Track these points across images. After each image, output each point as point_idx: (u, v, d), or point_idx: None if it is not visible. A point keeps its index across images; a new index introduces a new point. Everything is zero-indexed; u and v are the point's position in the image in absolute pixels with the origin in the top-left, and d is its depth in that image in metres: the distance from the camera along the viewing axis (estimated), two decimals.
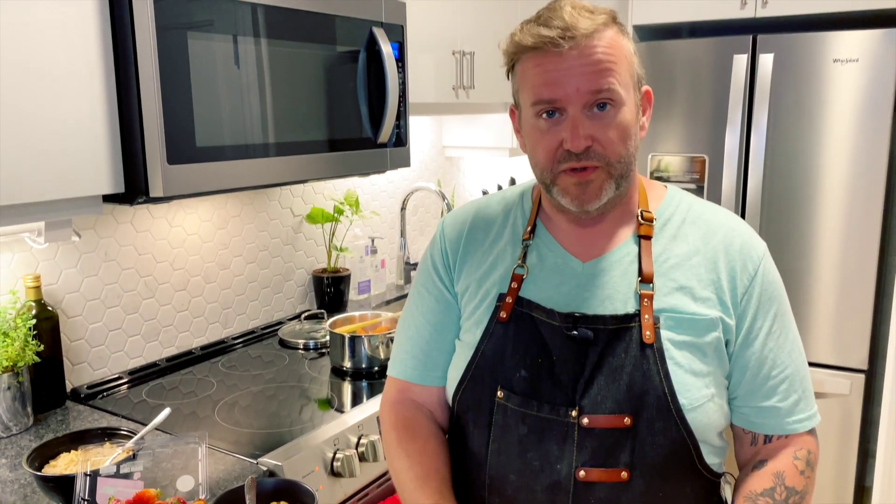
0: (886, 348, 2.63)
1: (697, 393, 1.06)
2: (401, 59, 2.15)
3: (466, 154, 3.28)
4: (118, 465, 1.29)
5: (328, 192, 2.65)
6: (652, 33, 3.18)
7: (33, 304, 1.75)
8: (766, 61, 2.70)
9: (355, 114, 2.04)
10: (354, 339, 2.03)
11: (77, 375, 1.92)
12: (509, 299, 1.15)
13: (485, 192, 3.44)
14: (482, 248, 1.22)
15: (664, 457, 1.06)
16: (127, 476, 1.28)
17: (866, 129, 2.60)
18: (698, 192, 2.85)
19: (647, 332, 1.06)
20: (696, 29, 3.10)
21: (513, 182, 3.47)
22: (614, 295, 1.10)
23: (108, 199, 1.59)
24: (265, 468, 1.52)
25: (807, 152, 2.69)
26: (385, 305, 2.78)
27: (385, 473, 1.74)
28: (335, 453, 1.64)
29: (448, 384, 1.22)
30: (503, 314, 1.14)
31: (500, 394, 1.12)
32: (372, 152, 2.11)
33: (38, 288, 1.76)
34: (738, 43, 2.76)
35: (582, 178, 1.06)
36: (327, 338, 2.27)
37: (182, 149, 1.58)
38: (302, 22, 1.84)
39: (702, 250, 1.12)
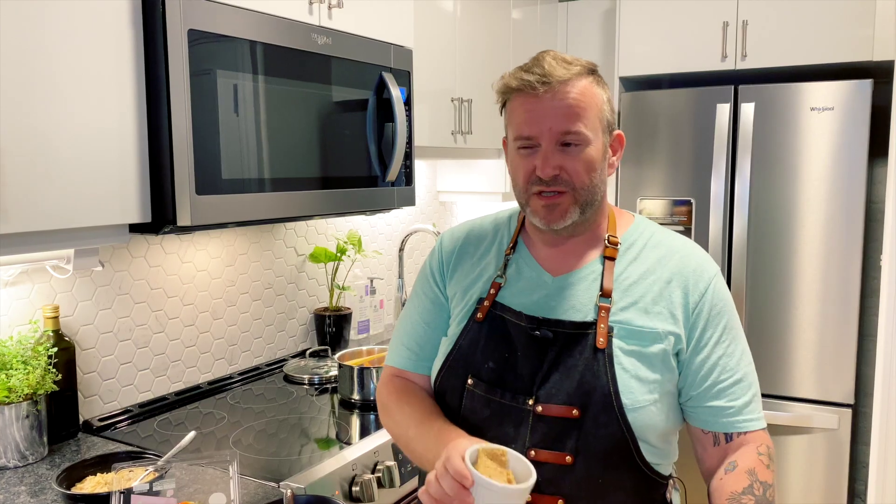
0: (872, 384, 2.71)
1: (640, 396, 1.19)
2: (408, 102, 2.23)
3: (460, 199, 3.35)
4: (150, 483, 1.31)
5: (330, 232, 2.69)
6: (637, 84, 3.31)
7: (51, 334, 1.77)
8: (747, 110, 2.82)
9: (364, 153, 2.10)
10: (363, 371, 2.06)
11: (88, 408, 1.92)
12: (486, 303, 1.31)
13: None
14: (472, 259, 1.40)
15: (604, 447, 1.18)
16: (159, 493, 1.30)
17: (844, 173, 2.71)
18: (685, 233, 2.94)
19: (601, 339, 1.21)
20: (679, 79, 3.23)
21: None
22: (577, 305, 1.25)
23: (134, 228, 1.62)
24: (288, 491, 1.54)
25: (789, 195, 2.80)
26: (385, 345, 2.80)
27: (403, 499, 1.76)
28: (353, 478, 1.66)
29: (432, 372, 1.37)
30: (479, 315, 1.31)
31: (469, 381, 1.28)
32: (380, 190, 2.17)
33: (56, 318, 1.78)
34: (721, 93, 2.88)
35: (549, 201, 1.23)
36: (332, 373, 2.29)
37: (210, 180, 1.63)
38: (319, 65, 1.92)
39: (657, 271, 1.27)
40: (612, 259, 1.27)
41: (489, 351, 1.28)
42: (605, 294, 1.24)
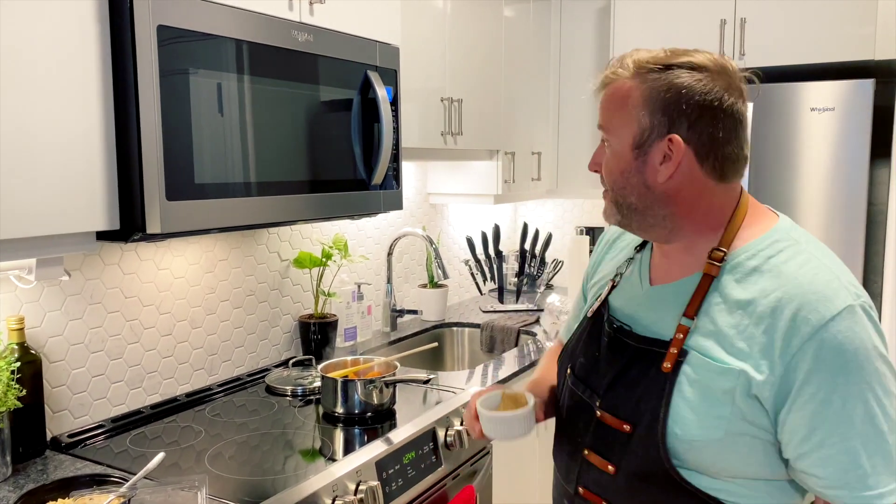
0: None
1: (694, 430, 1.10)
2: (394, 102, 2.14)
3: (451, 201, 3.26)
4: None
5: (315, 236, 2.60)
6: None
7: (16, 346, 1.67)
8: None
9: (349, 155, 2.01)
10: (347, 384, 1.97)
11: (57, 423, 1.83)
12: (597, 302, 1.35)
13: (469, 239, 3.42)
14: (614, 253, 1.43)
15: (644, 467, 1.15)
16: None
17: (845, 174, 2.63)
18: None
19: (667, 363, 1.13)
20: None
21: (497, 229, 3.46)
22: (659, 320, 1.19)
23: (101, 235, 1.53)
24: None
25: (788, 198, 2.72)
26: (372, 353, 2.71)
27: None
28: (334, 500, 1.57)
29: None
30: (590, 312, 1.35)
31: (568, 370, 1.35)
32: (365, 194, 2.08)
33: (21, 330, 1.68)
34: None
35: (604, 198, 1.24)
36: (316, 384, 2.20)
37: (181, 185, 1.53)
38: (300, 63, 1.82)
39: (757, 301, 1.10)
40: (710, 276, 1.15)
41: (584, 347, 1.32)
42: (688, 315, 1.14)
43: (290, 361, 2.36)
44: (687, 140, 1.11)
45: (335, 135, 1.96)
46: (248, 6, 1.68)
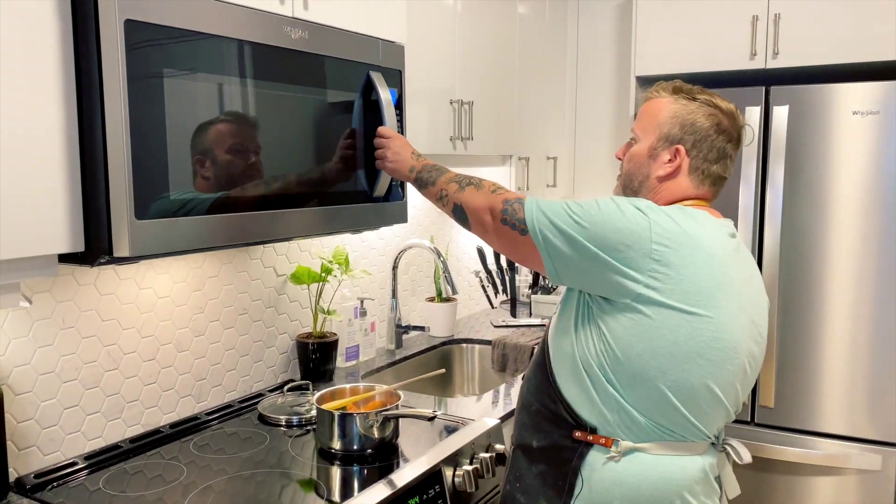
0: None
1: (556, 320, 1.60)
2: (399, 105, 1.95)
3: None
4: None
5: (315, 249, 2.42)
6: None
7: None
8: (780, 113, 2.54)
9: (349, 164, 1.82)
10: (345, 418, 1.78)
11: (24, 462, 1.65)
12: None
13: (479, 250, 3.23)
14: None
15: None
16: None
17: (888, 183, 2.43)
18: None
19: None
20: (702, 80, 2.95)
21: None
22: None
23: (64, 258, 1.35)
24: None
25: (826, 207, 2.52)
26: (375, 374, 2.53)
27: None
28: None
29: None
30: None
31: None
32: (366, 207, 1.89)
33: None
34: (751, 95, 2.60)
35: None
36: (312, 413, 2.02)
37: (152, 201, 1.35)
38: (291, 63, 1.64)
39: None
40: None
41: None
42: None
43: (286, 387, 2.17)
44: (688, 151, 1.52)
45: (333, 142, 1.78)
46: (238, 1, 1.50)
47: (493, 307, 3.34)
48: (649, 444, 1.40)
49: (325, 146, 1.76)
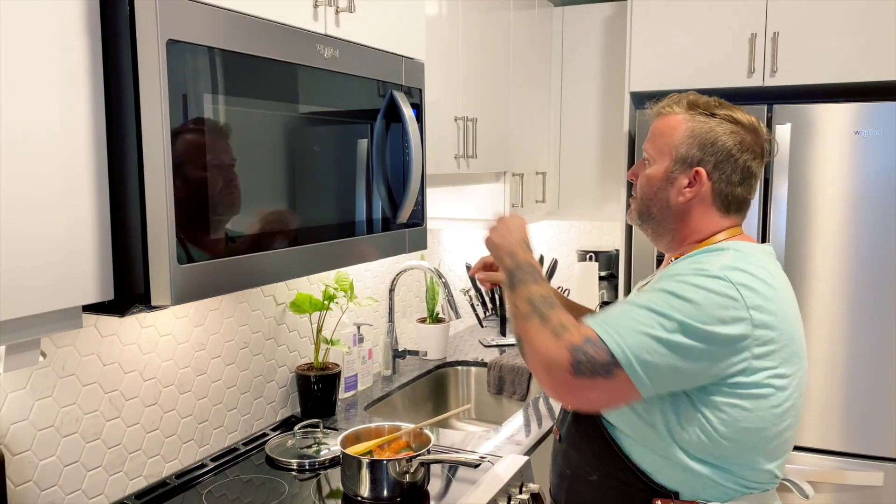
0: None
1: None
2: (420, 125, 1.83)
3: (448, 226, 2.95)
4: None
5: (315, 275, 2.26)
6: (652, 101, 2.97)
7: None
8: (783, 132, 2.50)
9: (373, 190, 1.69)
10: (374, 465, 1.65)
11: None
12: None
13: (469, 266, 3.11)
14: None
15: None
16: None
17: (892, 200, 2.42)
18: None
19: None
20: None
21: None
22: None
23: (89, 307, 1.18)
24: None
25: (831, 229, 2.49)
26: (377, 404, 2.39)
27: None
28: None
29: None
30: None
31: None
32: (390, 234, 1.76)
33: None
34: (752, 113, 2.53)
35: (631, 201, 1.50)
36: (324, 453, 1.88)
37: (194, 242, 1.20)
38: (324, 85, 1.50)
39: (670, 269, 1.33)
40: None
41: None
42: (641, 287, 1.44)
43: (297, 427, 2.01)
44: (709, 174, 1.37)
45: (356, 168, 1.64)
46: (268, 15, 1.35)
47: (482, 326, 3.23)
48: (735, 502, 1.31)
49: (350, 172, 1.62)
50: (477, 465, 1.68)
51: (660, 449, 1.31)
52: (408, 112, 1.74)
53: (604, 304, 3.23)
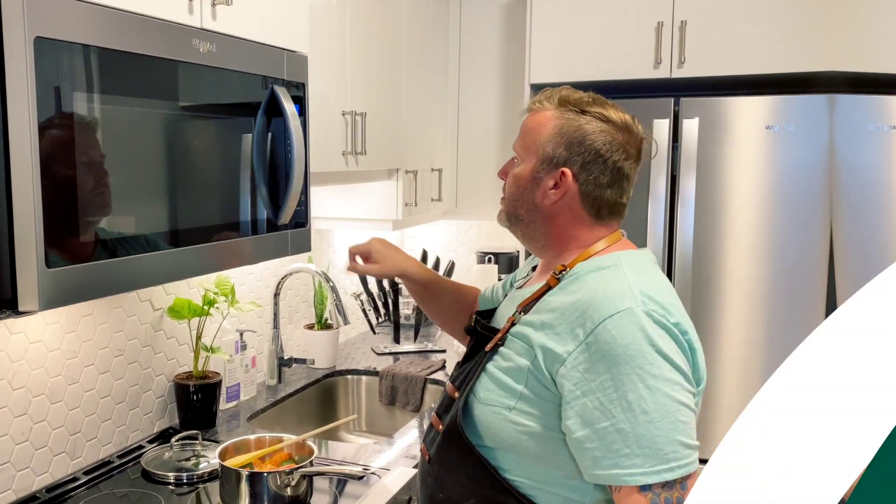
0: None
1: (493, 396, 1.38)
2: (303, 121, 1.97)
3: (338, 226, 3.09)
4: None
5: (194, 279, 2.37)
6: None
7: None
8: (690, 126, 2.71)
9: (253, 190, 1.82)
10: (254, 477, 1.77)
11: None
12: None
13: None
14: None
15: (450, 425, 1.43)
16: None
17: (804, 199, 2.63)
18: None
19: (490, 345, 1.45)
20: (605, 88, 3.12)
21: (424, 254, 3.34)
22: (503, 316, 1.52)
23: None
24: None
25: (740, 225, 2.71)
26: (260, 415, 2.51)
27: None
28: None
29: None
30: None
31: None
32: (271, 236, 1.90)
33: None
34: (659, 106, 2.76)
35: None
36: (203, 466, 2.00)
37: (63, 245, 1.31)
38: (199, 81, 1.63)
39: (567, 302, 1.36)
40: (550, 287, 1.44)
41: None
42: (519, 309, 1.45)
43: (174, 438, 2.12)
44: (576, 176, 1.41)
45: (234, 167, 1.77)
46: (142, 10, 1.47)
47: (374, 332, 3.38)
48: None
49: (233, 171, 1.75)
50: (361, 478, 1.82)
51: (549, 475, 1.36)
52: (289, 107, 1.88)
53: None
